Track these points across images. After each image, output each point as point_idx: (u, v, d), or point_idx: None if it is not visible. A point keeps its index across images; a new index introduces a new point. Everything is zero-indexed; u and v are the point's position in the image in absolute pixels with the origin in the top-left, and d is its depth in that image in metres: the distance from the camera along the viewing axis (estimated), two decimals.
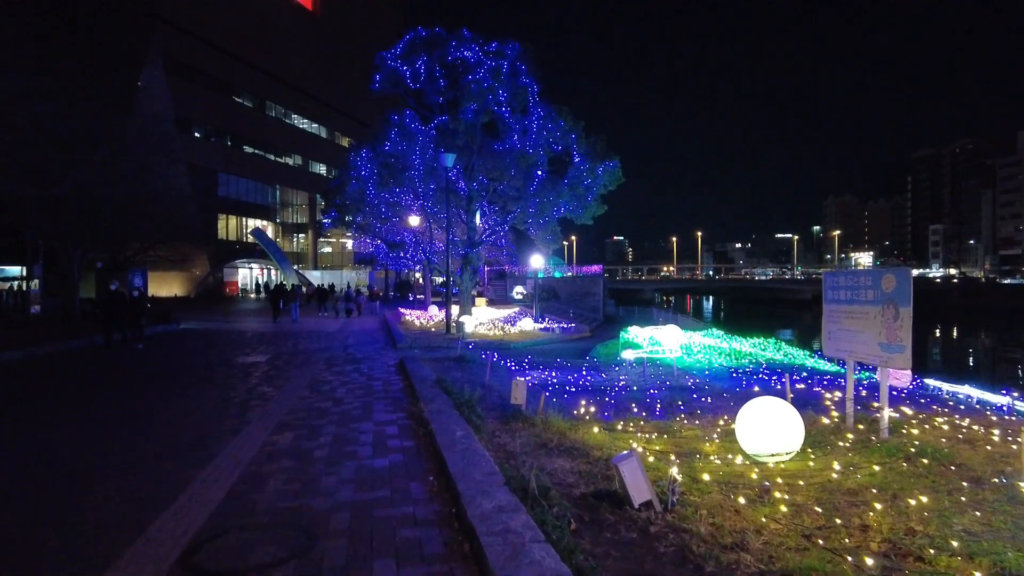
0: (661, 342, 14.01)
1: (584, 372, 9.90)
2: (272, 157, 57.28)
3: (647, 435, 5.81)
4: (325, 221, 21.00)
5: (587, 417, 6.45)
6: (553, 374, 9.57)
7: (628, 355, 10.21)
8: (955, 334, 44.77)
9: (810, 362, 12.05)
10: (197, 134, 48.83)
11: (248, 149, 54.19)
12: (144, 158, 17.69)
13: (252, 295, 46.50)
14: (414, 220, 23.43)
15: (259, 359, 12.16)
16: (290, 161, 60.08)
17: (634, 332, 14.91)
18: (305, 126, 62.35)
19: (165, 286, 43.54)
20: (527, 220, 18.39)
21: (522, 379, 6.59)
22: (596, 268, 46.88)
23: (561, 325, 24.93)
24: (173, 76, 43.22)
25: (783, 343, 13.79)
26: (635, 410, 6.88)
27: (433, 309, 27.44)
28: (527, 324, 22.55)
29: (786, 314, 59.85)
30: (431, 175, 18.15)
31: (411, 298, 45.04)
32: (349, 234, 58.61)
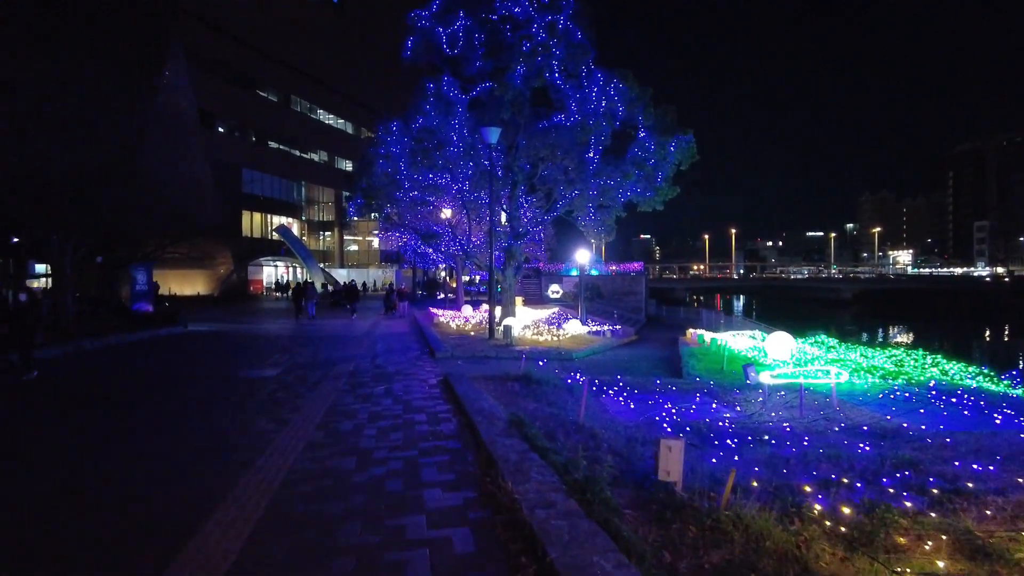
0: (769, 352, 11.10)
1: (709, 403, 7.08)
2: (297, 153, 55.75)
3: (959, 565, 3.00)
4: (350, 209, 18.19)
5: (802, 507, 3.65)
6: (668, 405, 6.79)
7: (765, 378, 7.39)
8: (1011, 337, 40.17)
9: (973, 380, 9.00)
10: (221, 129, 47.41)
11: (273, 144, 52.71)
12: (145, 144, 15.52)
13: (276, 294, 44.64)
14: (447, 212, 20.86)
15: (267, 373, 9.68)
16: (316, 157, 58.46)
17: (727, 339, 11.98)
18: (331, 121, 60.66)
19: (189, 285, 42.24)
20: (587, 205, 15.53)
21: (676, 441, 3.83)
22: (637, 265, 43.68)
23: (611, 328, 22.20)
24: (195, 69, 41.65)
25: (929, 355, 10.71)
26: (861, 487, 4.04)
27: (467, 309, 24.90)
28: (574, 327, 19.80)
29: (825, 314, 56.14)
30: (469, 155, 15.46)
31: (438, 296, 42.68)
32: (376, 231, 56.68)
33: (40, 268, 24.16)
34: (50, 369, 10.15)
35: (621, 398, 7.30)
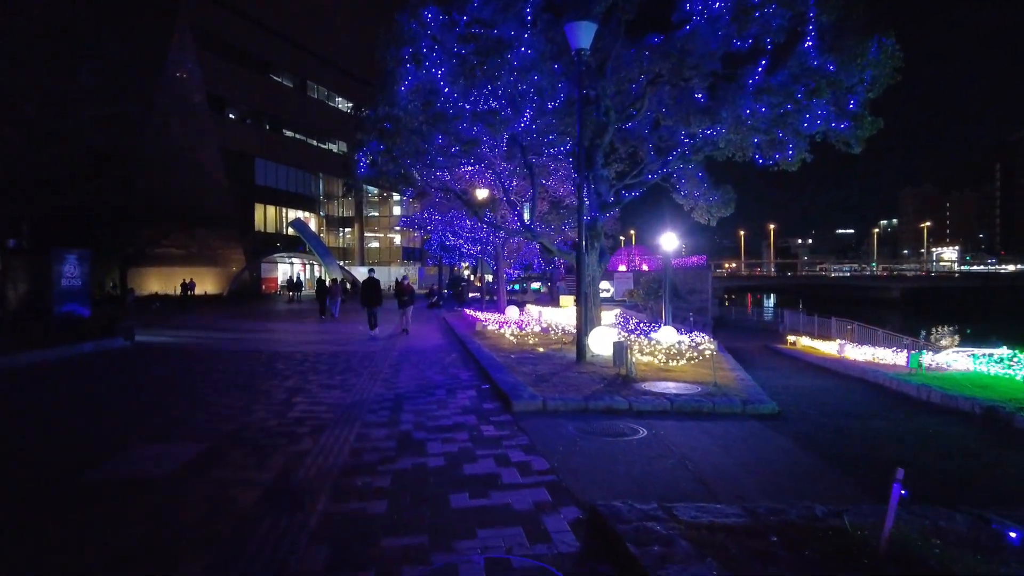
0: None
1: None
2: (314, 143, 51.20)
3: None
4: (359, 164, 11.79)
5: None
6: None
7: None
8: None
9: None
10: (231, 115, 43.00)
11: (288, 133, 48.26)
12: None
13: (289, 293, 39.80)
14: (484, 192, 15.49)
15: (164, 466, 4.35)
16: (335, 148, 53.71)
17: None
18: (350, 110, 55.87)
19: (199, 283, 37.76)
20: (752, 141, 9.66)
21: None
22: (699, 259, 37.61)
23: (704, 335, 16.55)
24: (205, 51, 37.15)
25: None
26: None
27: (512, 312, 19.48)
28: (668, 335, 14.05)
29: (873, 315, 48.97)
30: (540, 68, 9.80)
31: (468, 297, 37.38)
32: (397, 227, 51.58)
33: None
34: None
35: None
